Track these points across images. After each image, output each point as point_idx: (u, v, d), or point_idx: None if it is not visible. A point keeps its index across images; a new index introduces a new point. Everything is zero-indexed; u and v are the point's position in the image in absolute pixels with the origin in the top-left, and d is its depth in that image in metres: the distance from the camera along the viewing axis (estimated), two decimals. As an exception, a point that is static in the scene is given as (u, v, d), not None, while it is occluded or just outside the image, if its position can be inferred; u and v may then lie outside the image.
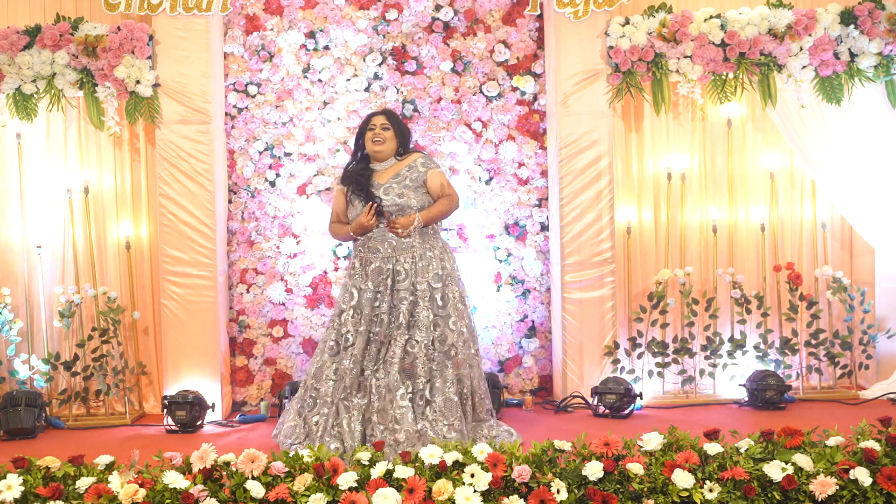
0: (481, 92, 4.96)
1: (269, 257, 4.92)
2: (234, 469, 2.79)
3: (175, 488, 2.68)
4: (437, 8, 4.94)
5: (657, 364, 4.82)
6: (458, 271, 4.02)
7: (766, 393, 4.55)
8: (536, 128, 5.00)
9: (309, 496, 2.69)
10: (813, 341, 4.85)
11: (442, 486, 2.69)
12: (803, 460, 2.80)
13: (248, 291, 4.92)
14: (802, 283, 4.86)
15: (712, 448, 2.85)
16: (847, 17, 4.66)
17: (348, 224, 4.00)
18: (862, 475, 2.74)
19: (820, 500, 2.71)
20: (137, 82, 4.56)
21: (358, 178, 3.96)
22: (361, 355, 3.83)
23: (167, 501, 2.67)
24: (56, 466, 2.87)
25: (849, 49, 4.70)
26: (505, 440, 3.75)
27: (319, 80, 4.93)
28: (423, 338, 3.78)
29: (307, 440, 3.81)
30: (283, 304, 4.92)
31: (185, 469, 2.80)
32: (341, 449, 3.71)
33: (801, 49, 4.66)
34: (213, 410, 4.54)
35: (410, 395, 3.75)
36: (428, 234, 3.92)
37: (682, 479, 2.72)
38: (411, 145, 4.17)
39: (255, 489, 2.70)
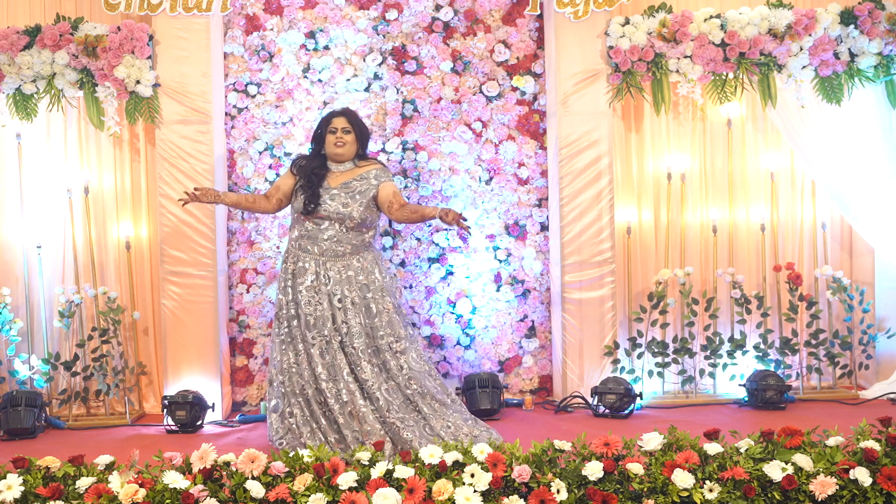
0: (481, 92, 4.95)
1: (269, 257, 4.92)
2: (234, 469, 2.80)
3: (175, 488, 2.68)
4: (437, 8, 4.94)
5: (657, 364, 4.82)
6: (394, 281, 4.02)
7: (766, 393, 4.55)
8: (536, 128, 4.99)
9: (309, 496, 2.69)
10: (813, 341, 4.85)
11: (442, 486, 2.70)
12: (803, 460, 2.80)
13: (248, 291, 4.92)
14: (802, 283, 4.86)
15: (712, 448, 2.85)
16: (847, 17, 4.66)
17: (283, 203, 4.04)
18: (862, 475, 2.74)
19: (820, 500, 2.71)
20: (137, 82, 4.56)
21: (311, 176, 3.93)
22: (305, 349, 3.84)
23: (167, 501, 2.67)
24: (56, 466, 2.87)
25: (849, 49, 4.69)
26: (485, 439, 3.77)
27: (319, 80, 4.93)
28: (359, 345, 3.79)
29: (289, 434, 3.84)
30: (283, 304, 4.91)
31: (185, 469, 2.81)
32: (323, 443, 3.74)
33: (801, 49, 4.66)
34: (213, 410, 4.54)
35: (367, 398, 3.78)
36: (359, 246, 3.91)
37: (682, 479, 2.72)
38: (369, 147, 4.16)
39: (255, 489, 2.71)
